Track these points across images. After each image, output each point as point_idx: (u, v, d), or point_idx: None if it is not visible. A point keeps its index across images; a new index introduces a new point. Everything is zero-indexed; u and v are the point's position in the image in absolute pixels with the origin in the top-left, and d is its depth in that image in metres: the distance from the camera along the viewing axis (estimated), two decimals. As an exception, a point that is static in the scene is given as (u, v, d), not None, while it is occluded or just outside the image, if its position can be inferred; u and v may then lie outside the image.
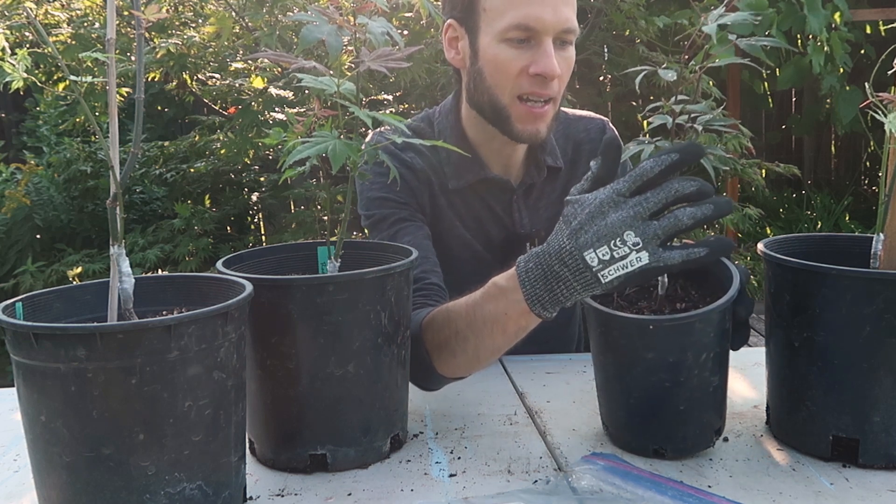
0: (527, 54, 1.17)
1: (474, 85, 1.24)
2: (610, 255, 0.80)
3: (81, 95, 0.77)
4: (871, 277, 0.83)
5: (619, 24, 3.38)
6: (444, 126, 1.33)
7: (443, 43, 1.29)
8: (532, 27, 1.15)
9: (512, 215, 1.34)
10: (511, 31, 1.16)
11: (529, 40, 1.17)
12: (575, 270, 0.82)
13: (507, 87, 1.19)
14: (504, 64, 1.18)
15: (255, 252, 1.03)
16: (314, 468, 0.90)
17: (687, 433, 0.90)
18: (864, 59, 4.70)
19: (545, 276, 0.85)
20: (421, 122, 1.37)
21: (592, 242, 0.81)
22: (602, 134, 1.39)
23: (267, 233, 4.12)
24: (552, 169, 1.35)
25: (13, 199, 3.60)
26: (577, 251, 0.82)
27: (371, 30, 0.83)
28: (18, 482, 0.91)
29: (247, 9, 3.05)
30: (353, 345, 0.88)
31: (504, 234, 1.34)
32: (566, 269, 0.83)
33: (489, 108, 1.23)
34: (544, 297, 0.86)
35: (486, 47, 1.20)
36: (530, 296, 0.87)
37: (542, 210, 1.36)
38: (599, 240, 0.80)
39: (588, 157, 1.36)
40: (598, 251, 0.80)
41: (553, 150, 1.35)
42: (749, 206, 3.44)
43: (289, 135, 0.86)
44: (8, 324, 0.72)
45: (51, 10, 3.29)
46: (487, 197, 1.33)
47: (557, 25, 1.16)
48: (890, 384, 0.84)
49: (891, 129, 0.84)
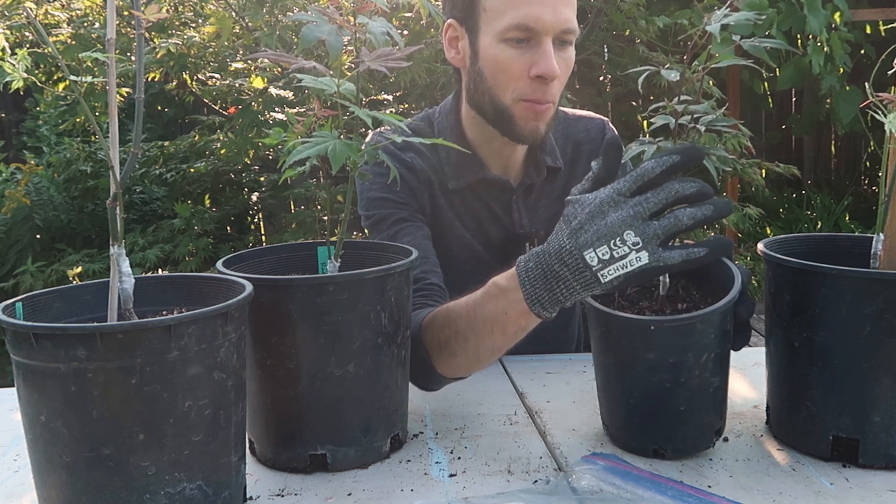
0: (527, 55, 1.17)
1: (474, 85, 1.24)
2: (610, 255, 0.80)
3: (81, 95, 0.77)
4: (871, 277, 0.83)
5: (619, 24, 3.38)
6: (443, 126, 1.33)
7: (443, 42, 1.29)
8: (532, 27, 1.15)
9: (511, 215, 1.34)
10: (511, 32, 1.16)
11: (529, 40, 1.17)
12: (575, 270, 0.82)
13: (508, 88, 1.19)
14: (504, 65, 1.18)
15: (255, 252, 1.03)
16: (314, 468, 0.90)
17: (687, 433, 0.90)
18: (864, 59, 4.70)
19: (545, 275, 0.85)
20: (421, 121, 1.37)
21: (592, 242, 0.81)
22: (602, 134, 1.39)
23: (267, 233, 4.12)
24: (552, 169, 1.35)
25: (13, 199, 3.60)
26: (577, 250, 0.82)
27: (371, 30, 0.83)
28: (18, 482, 0.91)
29: (247, 9, 3.05)
30: (353, 345, 0.88)
31: (503, 234, 1.34)
32: (566, 269, 0.83)
33: (490, 109, 1.23)
34: (544, 297, 0.86)
35: (487, 47, 1.20)
36: (530, 295, 0.87)
37: (542, 210, 1.36)
38: (599, 239, 0.80)
39: (588, 157, 1.36)
40: (598, 251, 0.80)
41: (553, 151, 1.35)
42: (749, 206, 3.44)
43: (289, 135, 0.86)
44: (8, 324, 0.72)
45: (51, 10, 3.29)
46: (487, 197, 1.33)
47: (557, 26, 1.16)
48: (890, 384, 0.84)
49: (890, 129, 0.84)
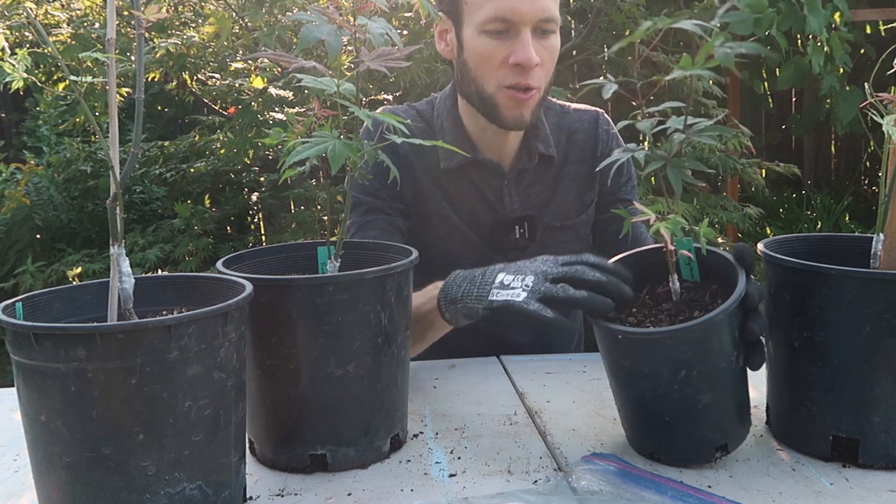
0: (506, 45, 1.21)
1: (461, 75, 1.29)
2: (509, 283, 0.94)
3: (81, 95, 0.77)
4: (871, 277, 0.83)
5: (619, 24, 3.38)
6: (442, 110, 1.38)
7: (435, 35, 1.34)
8: (509, 18, 1.19)
9: (503, 199, 1.37)
10: (490, 24, 1.20)
11: (508, 31, 1.21)
12: (484, 282, 0.97)
13: (490, 77, 1.24)
14: (485, 55, 1.23)
15: (255, 252, 1.03)
16: (314, 468, 0.90)
17: (678, 445, 0.89)
18: (864, 59, 4.70)
19: (467, 277, 0.99)
20: (426, 104, 1.43)
21: (511, 269, 0.97)
22: (595, 124, 1.43)
23: (267, 233, 4.12)
24: (544, 156, 1.37)
25: (13, 199, 3.60)
26: (499, 270, 0.97)
27: (370, 30, 0.83)
28: (18, 482, 0.91)
29: (246, 9, 3.05)
30: (353, 345, 0.88)
31: (493, 217, 1.37)
32: (482, 277, 0.97)
33: (476, 97, 1.28)
34: (451, 294, 1.00)
35: (469, 39, 1.25)
36: (445, 288, 1.01)
37: (534, 197, 1.39)
38: (516, 271, 0.96)
39: (580, 146, 1.41)
40: (506, 277, 0.96)
41: (546, 139, 1.38)
42: (749, 206, 3.44)
43: (289, 135, 0.87)
44: (8, 324, 0.72)
45: (51, 10, 3.29)
46: (478, 181, 1.36)
47: (535, 16, 1.20)
48: (890, 384, 0.84)
49: (887, 130, 0.84)
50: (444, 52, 1.32)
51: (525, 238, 1.36)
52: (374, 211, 1.32)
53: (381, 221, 1.31)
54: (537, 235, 1.37)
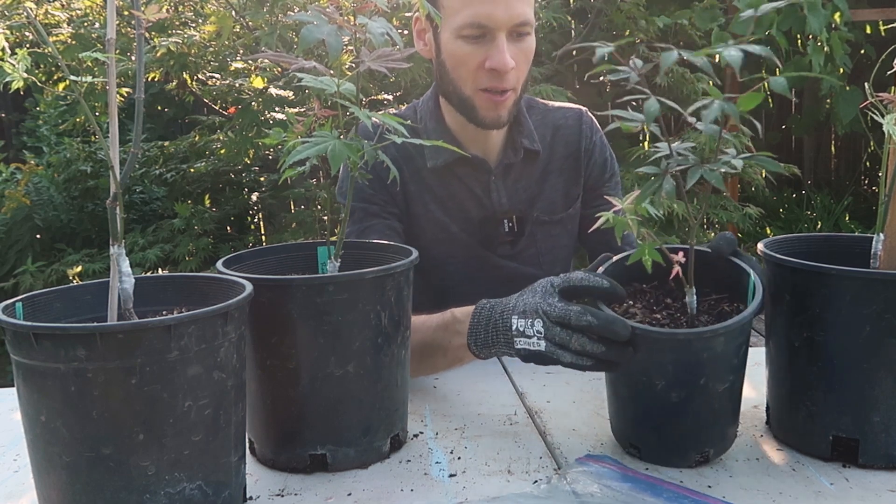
0: (482, 49, 1.23)
1: (440, 75, 1.32)
2: (523, 330, 0.94)
3: (81, 95, 0.77)
4: (871, 277, 0.83)
5: (619, 24, 3.38)
6: (424, 111, 1.40)
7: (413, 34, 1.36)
8: (484, 24, 1.21)
9: (490, 195, 1.38)
10: (465, 29, 1.22)
11: (484, 36, 1.23)
12: (504, 328, 0.95)
13: (467, 79, 1.27)
14: (462, 59, 1.25)
15: (255, 252, 1.03)
16: (314, 468, 0.90)
17: (652, 442, 0.90)
18: (864, 59, 4.70)
19: (488, 322, 0.98)
20: (407, 110, 1.45)
21: (518, 311, 0.94)
22: (579, 121, 1.45)
23: (267, 233, 4.12)
24: (529, 151, 1.39)
25: (13, 199, 3.60)
26: (509, 312, 0.95)
27: (371, 30, 0.83)
28: (18, 482, 0.91)
29: (247, 8, 3.05)
30: (353, 345, 0.88)
31: (482, 213, 1.39)
32: (501, 322, 0.96)
33: (455, 98, 1.31)
34: (480, 339, 0.98)
35: (446, 42, 1.27)
36: (472, 334, 0.99)
37: (522, 192, 1.40)
38: (523, 312, 0.94)
39: (565, 141, 1.43)
40: (518, 322, 0.94)
41: (530, 134, 1.39)
42: (749, 206, 3.44)
43: (289, 135, 0.86)
44: (8, 324, 0.72)
45: (51, 10, 3.29)
46: (465, 178, 1.37)
47: (510, 21, 1.22)
48: (890, 384, 0.84)
49: (888, 130, 0.84)
50: (423, 52, 1.34)
51: (514, 232, 1.37)
52: (371, 216, 1.33)
53: (379, 226, 1.32)
54: (526, 229, 1.39)
